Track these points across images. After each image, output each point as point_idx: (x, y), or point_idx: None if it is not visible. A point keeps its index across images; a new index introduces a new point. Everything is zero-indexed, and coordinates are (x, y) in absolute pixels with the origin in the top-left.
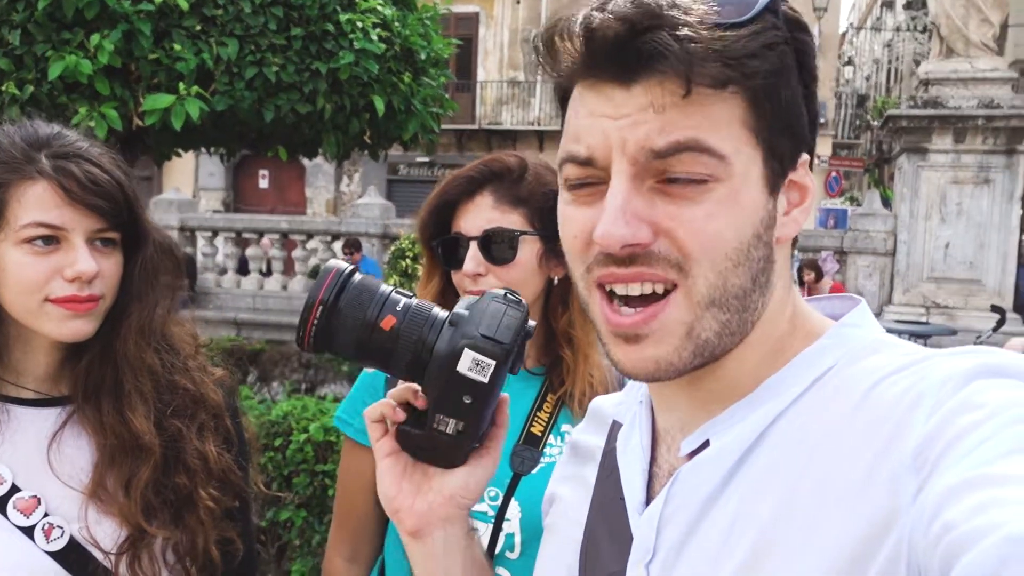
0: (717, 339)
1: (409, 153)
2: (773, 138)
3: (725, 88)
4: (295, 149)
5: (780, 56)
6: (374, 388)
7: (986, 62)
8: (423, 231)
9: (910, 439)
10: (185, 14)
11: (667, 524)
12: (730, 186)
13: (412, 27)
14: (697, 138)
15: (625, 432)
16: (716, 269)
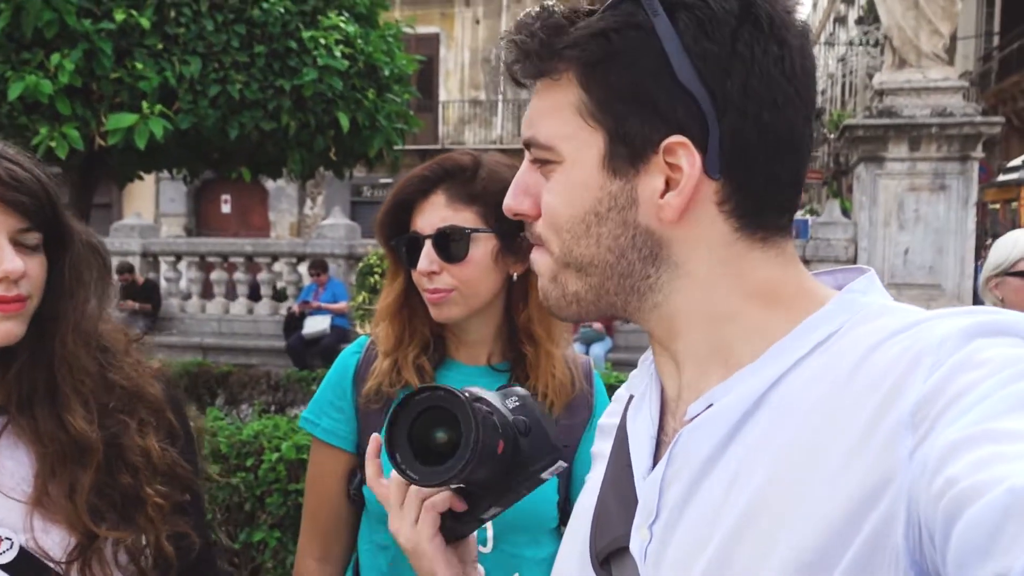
0: (594, 296)
1: (372, 175)
2: (614, 121)
3: (547, 77)
4: (259, 168)
5: (612, 41)
6: (341, 388)
7: (938, 72)
8: (381, 231)
9: (908, 398)
10: (147, 33)
11: (669, 485)
12: (564, 168)
13: (375, 44)
14: (531, 136)
15: (636, 402)
16: (558, 239)
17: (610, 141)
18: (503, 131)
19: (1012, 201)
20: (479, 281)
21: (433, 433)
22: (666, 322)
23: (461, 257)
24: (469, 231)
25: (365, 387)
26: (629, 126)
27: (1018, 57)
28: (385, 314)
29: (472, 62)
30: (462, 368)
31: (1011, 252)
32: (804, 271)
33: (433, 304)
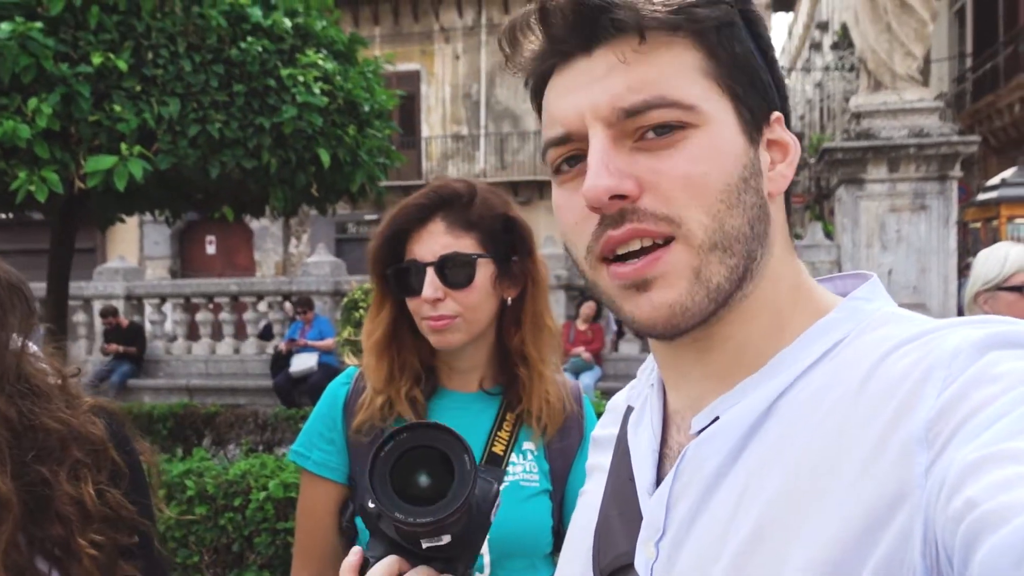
0: (728, 284)
1: (357, 211)
2: (738, 88)
3: (676, 34)
4: (242, 207)
5: (727, 12)
6: (331, 419)
7: (913, 93)
8: (375, 261)
9: (921, 412)
10: (125, 75)
11: (677, 501)
12: (707, 131)
13: (354, 80)
14: (662, 94)
15: (636, 415)
16: (710, 212)
17: (738, 108)
18: (486, 164)
19: (992, 219)
20: (481, 306)
21: (414, 478)
22: (740, 316)
23: (466, 283)
24: (475, 257)
25: (355, 420)
26: (750, 96)
27: (992, 77)
28: (374, 349)
29: (453, 97)
30: (455, 396)
31: (1003, 267)
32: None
33: (436, 331)
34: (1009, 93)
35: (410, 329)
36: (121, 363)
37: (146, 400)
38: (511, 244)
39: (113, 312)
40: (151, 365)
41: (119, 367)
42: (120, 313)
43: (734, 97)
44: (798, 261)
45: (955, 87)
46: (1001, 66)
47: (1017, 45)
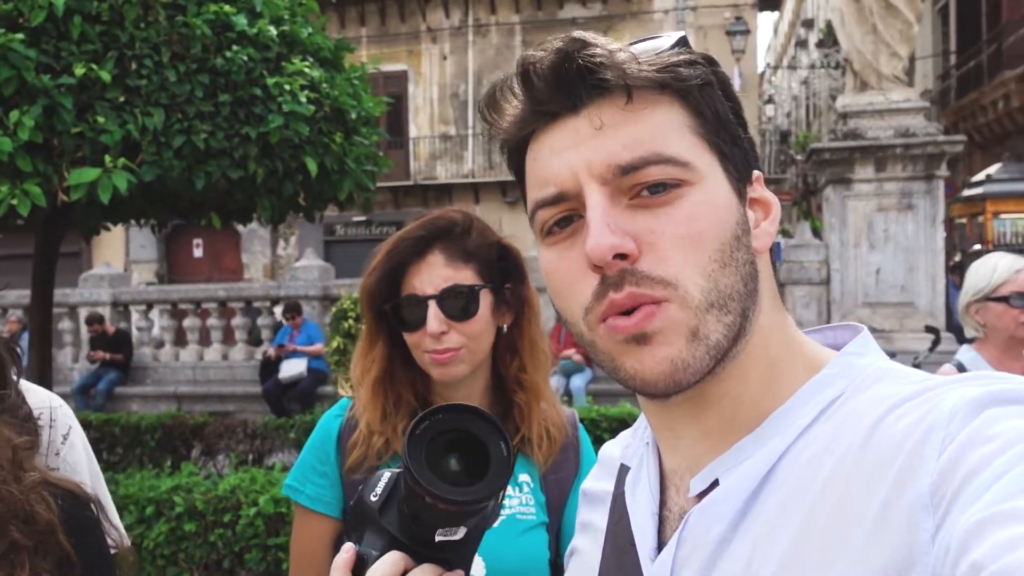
0: (726, 341)
1: (345, 213)
2: (724, 145)
3: (662, 93)
4: (228, 216)
5: (705, 72)
6: (324, 452)
7: (899, 93)
8: (372, 297)
9: (923, 476)
10: (108, 86)
11: (681, 569)
12: (702, 188)
13: (341, 88)
14: (658, 151)
15: (632, 476)
16: (704, 272)
17: (725, 165)
18: (474, 165)
19: (978, 215)
20: (482, 336)
21: (445, 460)
22: (731, 374)
23: (469, 315)
24: (478, 288)
25: (350, 459)
26: (734, 154)
27: (975, 74)
28: (369, 388)
29: (441, 98)
30: None
31: (992, 277)
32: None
33: (440, 364)
34: (993, 90)
35: (403, 364)
36: (108, 371)
37: (134, 408)
38: (505, 272)
39: (99, 319)
40: (138, 372)
41: (106, 375)
42: (106, 320)
43: (721, 155)
44: (786, 314)
45: (939, 84)
46: (984, 63)
47: (1000, 42)
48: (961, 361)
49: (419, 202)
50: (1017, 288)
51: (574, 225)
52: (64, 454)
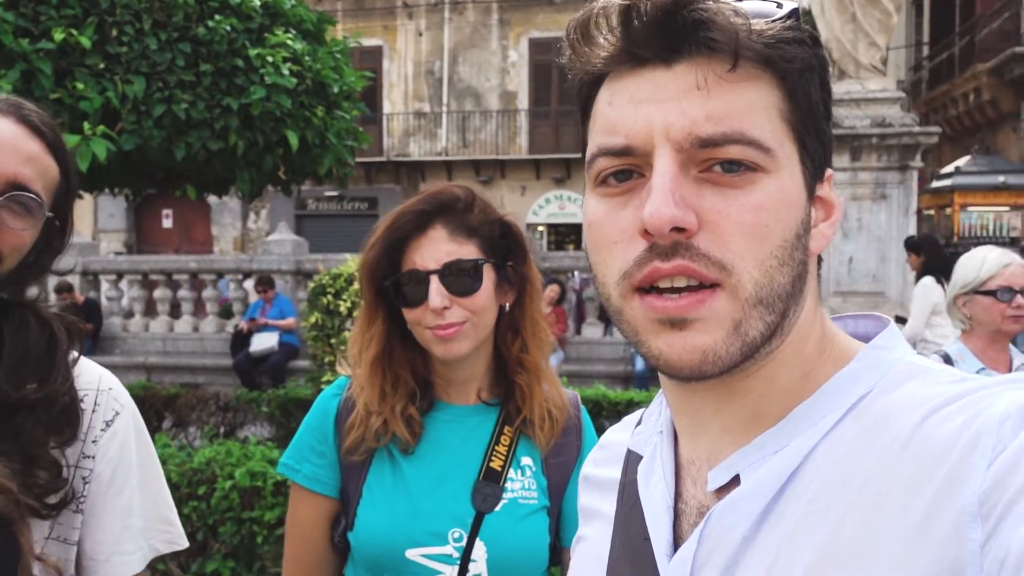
0: (761, 339)
1: (318, 188)
2: (807, 137)
3: (767, 69)
4: (206, 187)
5: (809, 55)
6: (322, 433)
7: (876, 83)
8: (371, 272)
9: (972, 484)
10: (87, 52)
11: (702, 568)
12: (778, 179)
13: (323, 61)
14: (743, 130)
15: (646, 464)
16: (762, 267)
17: (804, 158)
18: (448, 143)
19: (945, 207)
20: (485, 312)
21: None
22: (763, 370)
23: (474, 290)
24: (481, 263)
25: (347, 440)
26: (814, 147)
27: (947, 67)
28: (368, 367)
29: (415, 74)
30: (452, 409)
31: (980, 271)
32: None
33: (444, 341)
34: (964, 83)
35: (402, 343)
36: None
37: None
38: (507, 249)
39: (68, 288)
40: (107, 342)
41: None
42: (76, 289)
43: (802, 146)
44: (822, 310)
45: (911, 75)
46: (957, 56)
47: (973, 35)
48: (948, 353)
49: (392, 179)
50: (1004, 282)
51: (632, 182)
52: (102, 442)
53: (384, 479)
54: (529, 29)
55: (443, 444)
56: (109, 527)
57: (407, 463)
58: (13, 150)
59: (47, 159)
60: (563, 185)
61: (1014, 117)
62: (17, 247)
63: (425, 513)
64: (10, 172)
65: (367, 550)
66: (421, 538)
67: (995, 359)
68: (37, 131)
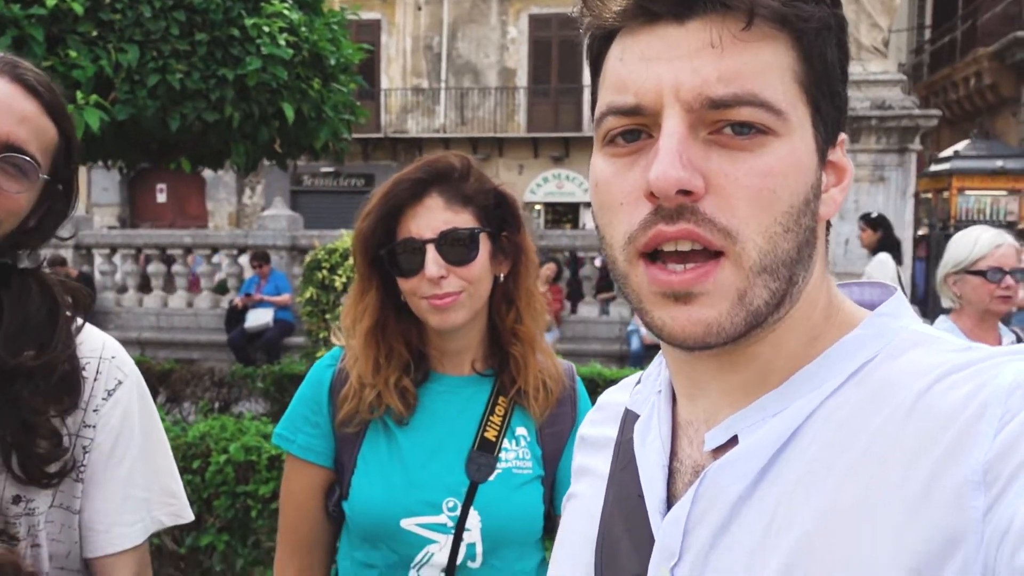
0: (766, 308)
1: (313, 163)
2: (821, 100)
3: (783, 28)
4: (200, 160)
5: (827, 14)
6: (316, 403)
7: (877, 65)
8: (366, 242)
9: (977, 452)
10: (80, 19)
11: (695, 526)
12: (789, 142)
13: (320, 32)
14: (755, 92)
15: (643, 423)
16: (767, 233)
17: (817, 122)
18: (446, 119)
19: (943, 191)
20: (480, 282)
21: None
22: (768, 338)
23: (470, 259)
24: (477, 231)
25: (341, 412)
26: (828, 111)
27: (949, 50)
28: (362, 338)
29: (414, 49)
30: (446, 380)
31: (972, 250)
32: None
33: (440, 310)
34: (965, 67)
35: (396, 314)
36: None
37: None
38: (502, 219)
39: (62, 262)
40: (100, 317)
41: None
42: (69, 263)
43: (815, 109)
44: (829, 277)
45: (912, 58)
46: (959, 39)
47: (975, 19)
48: None
49: (389, 155)
50: (994, 263)
51: (641, 143)
52: (104, 412)
53: (379, 449)
54: (529, 5)
55: (438, 415)
56: (109, 497)
57: (402, 434)
58: (6, 110)
59: (43, 119)
60: (561, 164)
61: (1014, 102)
62: (12, 211)
63: (419, 483)
64: (2, 132)
65: (361, 520)
66: (415, 507)
67: (983, 338)
68: (33, 91)
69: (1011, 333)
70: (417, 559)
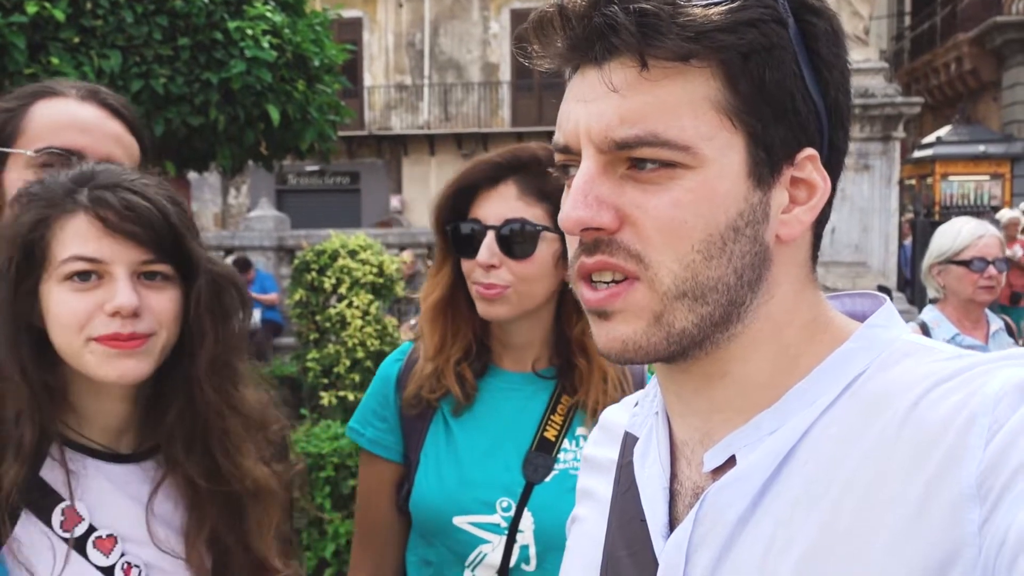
0: (697, 330)
1: (298, 163)
2: (757, 123)
3: (687, 62)
4: (186, 164)
5: (765, 34)
6: (384, 396)
7: (859, 53)
8: (439, 214)
9: (969, 464)
10: (62, 26)
11: (697, 548)
12: (701, 174)
13: (303, 33)
14: (655, 132)
15: (642, 446)
16: (683, 261)
17: (752, 147)
18: (430, 116)
19: (927, 177)
20: (537, 281)
21: None
22: (730, 354)
23: (526, 254)
24: (539, 228)
25: (406, 393)
26: (774, 132)
27: (929, 37)
28: (429, 312)
29: (396, 46)
30: (506, 376)
31: (955, 241)
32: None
33: (483, 299)
34: (945, 52)
35: (466, 295)
36: None
37: None
38: None
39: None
40: None
41: None
42: None
43: (749, 134)
44: (816, 294)
45: (893, 45)
46: (938, 25)
47: (955, 4)
48: (924, 320)
49: (374, 153)
50: (978, 253)
51: (570, 179)
52: None
53: (438, 444)
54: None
55: (496, 411)
56: None
57: (459, 428)
58: (103, 133)
59: (129, 138)
60: None
61: (995, 87)
62: None
63: (474, 481)
64: (103, 153)
65: (419, 515)
66: (469, 506)
67: (970, 327)
68: (117, 113)
69: (999, 320)
70: (471, 558)
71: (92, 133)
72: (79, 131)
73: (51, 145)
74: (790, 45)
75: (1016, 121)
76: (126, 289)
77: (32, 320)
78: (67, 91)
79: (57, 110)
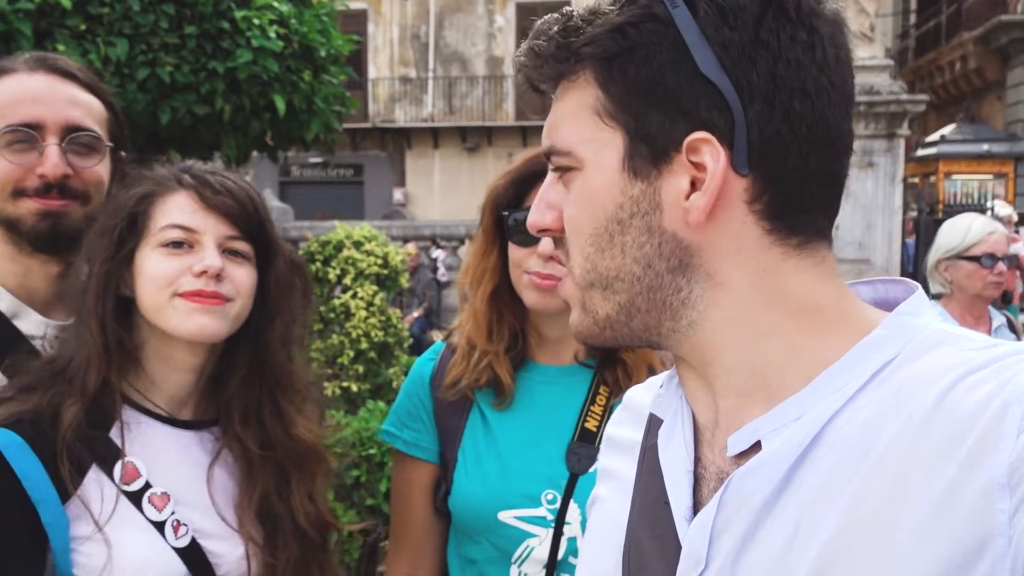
0: (622, 316)
1: (302, 154)
2: (630, 119)
3: (571, 80)
4: (190, 153)
5: (628, 35)
6: (418, 397)
7: (865, 51)
8: (497, 198)
9: (1000, 454)
10: (68, 13)
11: (721, 533)
12: (584, 175)
13: (310, 24)
14: (553, 141)
15: (667, 429)
16: (583, 254)
17: (630, 141)
18: (434, 108)
19: (930, 175)
20: None
21: None
22: (702, 342)
23: None
24: None
25: (445, 382)
26: (650, 124)
27: (934, 35)
28: (485, 301)
29: (401, 39)
30: (544, 369)
31: (965, 237)
32: (845, 285)
33: (539, 290)
34: (951, 51)
35: (510, 284)
36: None
37: None
38: None
39: None
40: None
41: None
42: None
43: (626, 131)
44: (807, 279)
45: (898, 43)
46: (944, 24)
47: (960, 3)
48: None
49: (377, 145)
50: (988, 249)
51: None
52: None
53: (476, 440)
54: None
55: (535, 403)
56: None
57: (498, 423)
58: (56, 97)
59: (87, 97)
60: None
61: (999, 86)
62: (96, 183)
63: (516, 474)
64: (61, 118)
65: (460, 513)
66: (513, 500)
67: (974, 323)
68: (68, 75)
69: (1001, 316)
70: (517, 553)
71: (45, 101)
72: (32, 102)
73: (9, 123)
74: (668, 36)
75: (1020, 120)
76: (213, 253)
77: (121, 288)
78: (17, 66)
79: (9, 87)
